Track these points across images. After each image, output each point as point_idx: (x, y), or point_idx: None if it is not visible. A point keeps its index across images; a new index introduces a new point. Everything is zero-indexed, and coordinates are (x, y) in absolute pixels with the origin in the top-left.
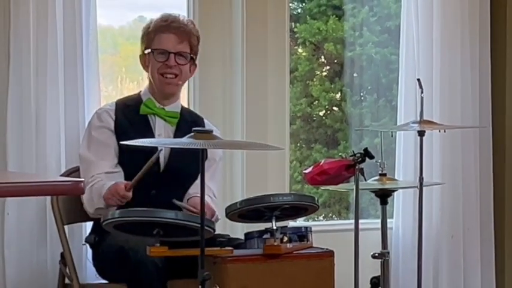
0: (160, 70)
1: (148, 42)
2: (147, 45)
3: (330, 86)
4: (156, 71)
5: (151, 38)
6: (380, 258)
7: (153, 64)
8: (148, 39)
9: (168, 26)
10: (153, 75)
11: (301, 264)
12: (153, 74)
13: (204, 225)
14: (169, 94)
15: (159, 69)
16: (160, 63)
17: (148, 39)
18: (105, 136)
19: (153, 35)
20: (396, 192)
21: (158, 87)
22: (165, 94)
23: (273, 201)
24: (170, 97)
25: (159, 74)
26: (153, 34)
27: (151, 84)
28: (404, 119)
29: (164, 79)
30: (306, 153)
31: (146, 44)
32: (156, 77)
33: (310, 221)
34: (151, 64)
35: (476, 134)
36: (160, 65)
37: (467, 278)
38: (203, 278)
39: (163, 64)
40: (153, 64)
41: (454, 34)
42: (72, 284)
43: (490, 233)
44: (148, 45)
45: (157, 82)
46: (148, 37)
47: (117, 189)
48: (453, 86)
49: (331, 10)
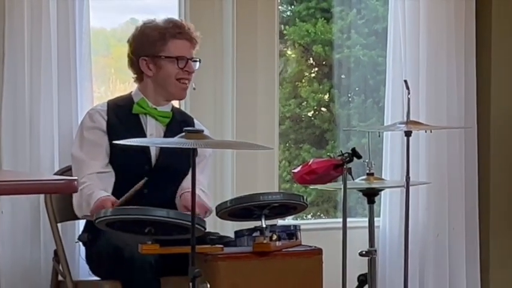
0: (178, 76)
1: (160, 47)
2: (158, 50)
3: (318, 87)
4: (173, 76)
5: (163, 43)
6: (367, 256)
7: (169, 69)
8: (160, 44)
9: (182, 33)
10: (167, 80)
11: (290, 262)
12: (167, 79)
13: (195, 223)
14: (181, 99)
15: (177, 74)
16: (178, 70)
17: (160, 44)
18: (96, 136)
19: (168, 40)
20: (383, 192)
21: (172, 92)
22: (178, 99)
23: (263, 200)
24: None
25: (177, 80)
26: (167, 39)
27: (148, 86)
28: (391, 120)
29: (181, 85)
30: (294, 153)
31: (157, 48)
32: (172, 82)
33: (298, 219)
34: (166, 69)
35: (461, 135)
36: (178, 71)
37: (453, 276)
38: (194, 275)
39: (181, 70)
40: (170, 69)
41: (440, 37)
42: (66, 280)
43: (474, 232)
44: (160, 49)
45: (172, 87)
46: (161, 42)
47: (104, 206)
48: (439, 87)
49: (319, 13)
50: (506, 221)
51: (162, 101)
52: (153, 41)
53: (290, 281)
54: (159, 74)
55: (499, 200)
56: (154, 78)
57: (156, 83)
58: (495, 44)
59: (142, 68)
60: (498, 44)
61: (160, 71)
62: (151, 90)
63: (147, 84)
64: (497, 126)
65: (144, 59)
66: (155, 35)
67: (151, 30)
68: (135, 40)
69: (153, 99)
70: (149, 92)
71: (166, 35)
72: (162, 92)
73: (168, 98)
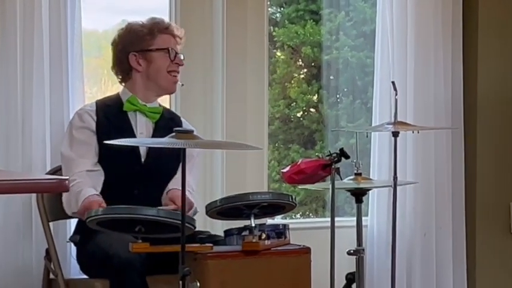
0: (169, 68)
1: (149, 41)
2: (148, 44)
3: (307, 88)
4: (164, 68)
5: (152, 37)
6: (355, 255)
7: (160, 62)
8: (149, 38)
9: (168, 29)
10: (159, 73)
11: (278, 261)
12: (159, 72)
13: (185, 222)
14: (172, 92)
15: (168, 67)
16: (169, 62)
17: (149, 38)
18: (86, 136)
19: (156, 35)
20: (371, 191)
21: (163, 85)
22: (169, 92)
23: (252, 199)
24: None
25: (168, 72)
26: (155, 34)
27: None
28: (379, 120)
29: (172, 78)
30: (283, 153)
31: (147, 42)
32: (163, 75)
33: (287, 218)
34: (157, 62)
35: (448, 135)
36: (169, 63)
37: (440, 275)
38: (183, 274)
39: (171, 62)
40: (161, 62)
41: (428, 38)
42: (57, 279)
43: (461, 231)
44: (149, 43)
45: (163, 80)
46: (150, 36)
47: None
48: (426, 88)
49: (308, 15)
50: (493, 220)
51: (152, 97)
52: (142, 36)
53: (279, 279)
54: (150, 67)
55: (486, 200)
56: (144, 73)
57: (147, 77)
58: (482, 45)
59: (132, 63)
60: (485, 45)
61: (151, 65)
62: (141, 86)
63: (136, 81)
64: (483, 127)
65: (134, 54)
66: (144, 31)
67: (138, 27)
68: (122, 38)
69: (143, 95)
70: (139, 89)
71: (154, 30)
72: (153, 86)
73: (159, 93)
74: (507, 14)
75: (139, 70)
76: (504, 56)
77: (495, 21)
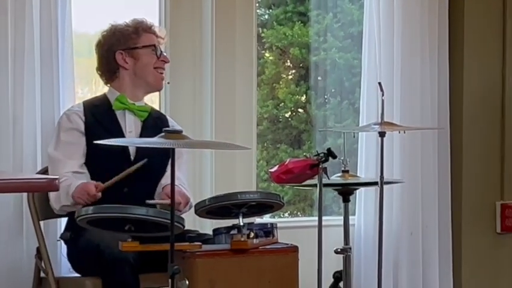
0: (155, 64)
1: (135, 40)
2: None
3: (295, 89)
4: (151, 65)
5: (137, 36)
6: (342, 253)
7: (146, 58)
8: (135, 37)
9: (151, 28)
10: (146, 69)
11: (266, 259)
12: (146, 68)
13: (174, 221)
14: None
15: (154, 63)
16: (155, 58)
17: (135, 37)
18: (74, 137)
19: (141, 33)
20: (358, 191)
21: (151, 81)
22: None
23: (240, 198)
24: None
25: (155, 69)
26: (140, 33)
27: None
28: (366, 121)
29: (159, 74)
30: (272, 153)
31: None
32: (150, 71)
33: (275, 217)
34: (144, 59)
35: (434, 135)
36: (155, 59)
37: (426, 273)
38: (173, 272)
39: (158, 59)
40: (147, 58)
41: (414, 40)
42: (48, 277)
43: (447, 230)
44: (135, 42)
45: (150, 77)
46: (135, 35)
47: (87, 189)
48: (413, 89)
49: (297, 16)
50: (479, 219)
51: (140, 95)
52: (128, 35)
53: (267, 277)
54: (137, 64)
55: (471, 199)
56: (132, 70)
57: (134, 75)
58: (467, 47)
59: (119, 61)
60: (470, 47)
61: (138, 62)
62: (129, 84)
63: (123, 79)
64: (469, 127)
65: (121, 52)
66: (129, 30)
67: (123, 27)
68: (107, 39)
69: (131, 94)
70: (126, 87)
71: (139, 28)
72: (141, 83)
73: (147, 89)
74: (493, 16)
75: (127, 68)
76: (489, 57)
77: (481, 23)
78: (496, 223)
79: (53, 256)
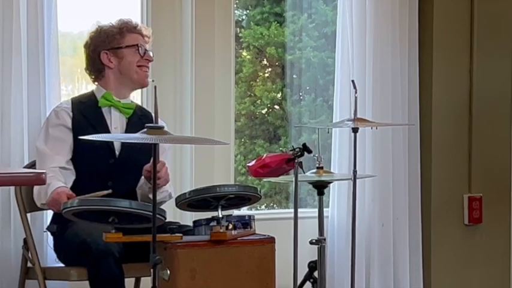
0: (139, 63)
1: (119, 40)
2: (118, 42)
3: (271, 87)
4: (135, 63)
5: (122, 36)
6: (317, 244)
7: (130, 57)
8: (119, 37)
9: (137, 28)
10: (130, 67)
11: (245, 250)
12: (130, 67)
13: (156, 213)
14: (144, 86)
15: (138, 61)
16: (139, 57)
17: (119, 37)
18: (61, 133)
19: (125, 34)
20: (332, 184)
21: (136, 78)
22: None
23: (219, 191)
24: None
25: (138, 67)
26: (124, 33)
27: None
28: (340, 117)
29: (143, 72)
30: (249, 148)
31: (117, 41)
32: (134, 69)
33: (253, 209)
34: (127, 58)
35: (405, 131)
36: (139, 58)
37: (397, 263)
38: (155, 262)
39: (141, 58)
40: (131, 57)
41: (386, 40)
42: (34, 267)
43: (417, 222)
44: (119, 42)
45: (135, 74)
46: (119, 36)
47: (59, 199)
48: (384, 87)
49: (273, 17)
50: (447, 212)
51: (126, 93)
52: (112, 35)
53: (245, 267)
54: (122, 63)
55: (440, 192)
56: (116, 69)
57: (119, 73)
58: (436, 46)
59: (104, 61)
60: (439, 46)
61: (122, 61)
62: (115, 82)
63: (109, 78)
64: (438, 123)
65: (105, 52)
66: (113, 31)
67: (108, 27)
68: (93, 39)
69: (116, 92)
70: (112, 85)
71: (123, 29)
72: (126, 81)
73: (132, 87)
74: (460, 16)
75: (111, 67)
76: (457, 56)
77: (449, 24)
78: (464, 215)
79: (40, 247)
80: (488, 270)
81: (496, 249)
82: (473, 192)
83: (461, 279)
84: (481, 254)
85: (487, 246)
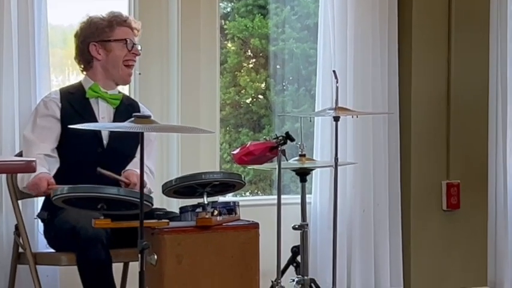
0: (126, 57)
1: (108, 33)
2: (107, 36)
3: (255, 77)
4: (121, 58)
5: (111, 29)
6: (300, 229)
7: (117, 52)
8: (108, 30)
9: (126, 21)
10: (116, 62)
11: (229, 235)
12: (116, 62)
13: (143, 200)
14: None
15: (125, 56)
16: (126, 52)
17: (109, 30)
18: (49, 123)
19: (115, 27)
20: (314, 171)
21: (120, 75)
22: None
23: (205, 178)
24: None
25: (124, 63)
26: (114, 26)
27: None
28: (322, 106)
29: (127, 70)
30: (234, 136)
31: (106, 34)
32: (120, 66)
33: (237, 196)
34: (115, 52)
35: (385, 120)
36: (126, 53)
37: (377, 248)
38: (142, 248)
39: (129, 52)
40: (118, 52)
41: (366, 31)
42: (26, 252)
43: (397, 207)
44: (109, 35)
45: (119, 71)
46: (109, 29)
47: (39, 183)
48: (365, 77)
49: (257, 9)
50: (426, 198)
51: (112, 85)
52: (102, 28)
53: (230, 252)
54: (109, 57)
55: (419, 178)
56: (103, 62)
57: (106, 67)
58: (415, 38)
59: (92, 52)
60: (418, 38)
61: (109, 54)
62: (101, 74)
63: (96, 70)
64: (417, 112)
65: (94, 44)
66: (103, 23)
67: (98, 19)
68: (83, 30)
69: (103, 83)
70: (99, 77)
71: (113, 22)
72: (110, 75)
73: (116, 82)
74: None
75: (99, 59)
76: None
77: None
78: (442, 201)
79: (31, 233)
80: (465, 254)
81: (473, 234)
82: (451, 179)
83: (439, 262)
84: (458, 238)
85: (465, 230)
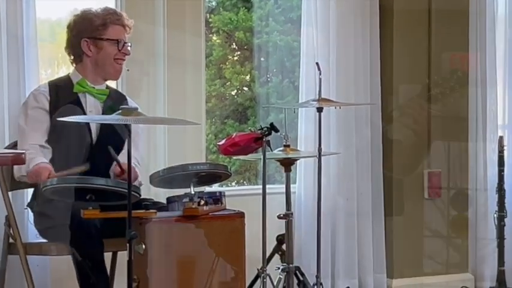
0: (116, 56)
1: (102, 31)
2: (100, 33)
3: (240, 69)
4: (112, 56)
5: (104, 28)
6: (284, 218)
7: (108, 50)
8: (102, 28)
9: (120, 20)
10: (106, 60)
11: (216, 224)
12: (107, 59)
13: (131, 190)
14: (116, 79)
15: (115, 55)
16: (117, 51)
17: (102, 28)
18: (40, 115)
19: (108, 25)
20: (298, 161)
21: (110, 71)
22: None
23: (191, 169)
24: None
25: (114, 61)
26: (108, 25)
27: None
28: (305, 97)
29: (117, 66)
30: (220, 128)
31: (99, 32)
32: (110, 62)
33: (223, 186)
34: (106, 50)
35: (367, 110)
36: (117, 52)
37: (360, 236)
38: (130, 237)
39: (119, 52)
40: (109, 50)
41: (348, 24)
42: (16, 243)
43: (380, 196)
44: (101, 33)
45: (109, 67)
46: (102, 27)
47: (41, 172)
48: (347, 68)
49: (241, 3)
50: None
51: (100, 80)
52: (96, 26)
53: (216, 241)
54: (99, 54)
55: (401, 168)
56: (93, 58)
57: (95, 63)
58: (397, 31)
59: (83, 48)
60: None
61: (100, 52)
62: (90, 70)
63: (86, 64)
64: (398, 102)
65: (86, 40)
66: (97, 21)
67: (93, 16)
68: (76, 24)
69: (91, 78)
70: (88, 72)
71: (107, 20)
72: (100, 71)
73: (105, 78)
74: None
75: (90, 55)
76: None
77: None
78: (424, 189)
79: (21, 223)
80: (447, 241)
81: (454, 222)
82: (432, 168)
83: (421, 249)
84: (440, 226)
85: (445, 219)
